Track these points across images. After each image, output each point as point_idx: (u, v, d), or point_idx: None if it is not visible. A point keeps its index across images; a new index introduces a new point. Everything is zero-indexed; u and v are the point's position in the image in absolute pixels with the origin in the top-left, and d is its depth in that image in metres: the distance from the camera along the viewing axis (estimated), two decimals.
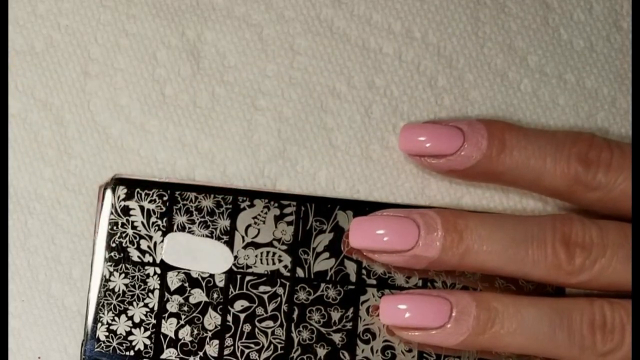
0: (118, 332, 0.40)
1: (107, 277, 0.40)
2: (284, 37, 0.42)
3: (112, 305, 0.40)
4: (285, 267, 0.40)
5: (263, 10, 0.43)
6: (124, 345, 0.40)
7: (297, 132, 0.42)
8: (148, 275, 0.40)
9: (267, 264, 0.40)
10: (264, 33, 0.42)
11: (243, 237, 0.41)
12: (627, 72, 0.43)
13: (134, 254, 0.40)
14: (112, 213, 0.40)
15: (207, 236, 0.40)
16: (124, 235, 0.40)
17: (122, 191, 0.41)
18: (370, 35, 0.42)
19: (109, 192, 0.41)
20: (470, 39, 0.43)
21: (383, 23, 0.42)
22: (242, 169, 0.42)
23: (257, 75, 0.42)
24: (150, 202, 0.41)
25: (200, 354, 0.40)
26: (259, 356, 0.40)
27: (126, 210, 0.40)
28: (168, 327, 0.40)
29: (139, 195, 0.41)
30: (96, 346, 0.40)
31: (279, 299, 0.40)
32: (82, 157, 0.42)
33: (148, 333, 0.40)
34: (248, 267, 0.40)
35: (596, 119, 0.42)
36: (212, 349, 0.40)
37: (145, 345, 0.40)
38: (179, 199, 0.41)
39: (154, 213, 0.41)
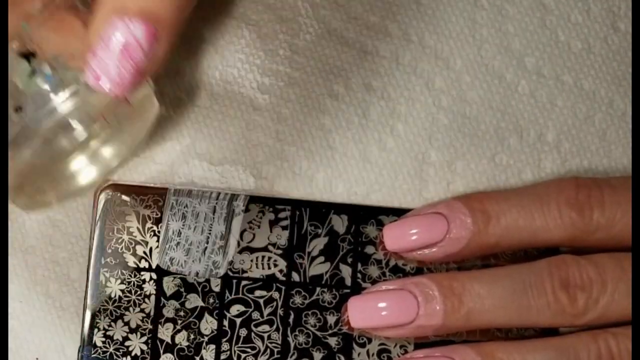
0: (115, 338, 0.40)
1: (104, 283, 0.40)
2: (282, 37, 0.42)
3: (108, 311, 0.40)
4: (281, 271, 0.40)
5: (261, 10, 0.43)
6: (121, 350, 0.40)
7: (295, 133, 0.42)
8: (144, 281, 0.40)
9: (263, 268, 0.40)
10: (262, 33, 0.42)
11: (238, 242, 0.41)
12: (625, 74, 0.43)
13: (130, 260, 0.40)
14: (107, 219, 0.40)
15: (203, 242, 0.40)
16: (119, 241, 0.40)
17: (117, 197, 0.41)
18: (367, 38, 0.42)
19: (104, 198, 0.41)
20: (467, 41, 0.43)
21: (380, 26, 0.42)
22: (240, 170, 0.42)
23: (255, 74, 0.42)
24: (145, 207, 0.41)
25: (197, 358, 0.40)
26: None
27: (122, 216, 0.41)
28: (164, 333, 0.40)
29: (134, 200, 0.41)
30: (93, 352, 0.40)
31: (275, 303, 0.40)
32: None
33: (144, 338, 0.40)
34: (244, 271, 0.40)
35: (594, 120, 0.42)
36: (208, 353, 0.40)
37: (142, 351, 0.40)
38: (174, 204, 0.41)
39: (149, 219, 0.41)
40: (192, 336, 0.40)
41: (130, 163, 0.42)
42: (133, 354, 0.40)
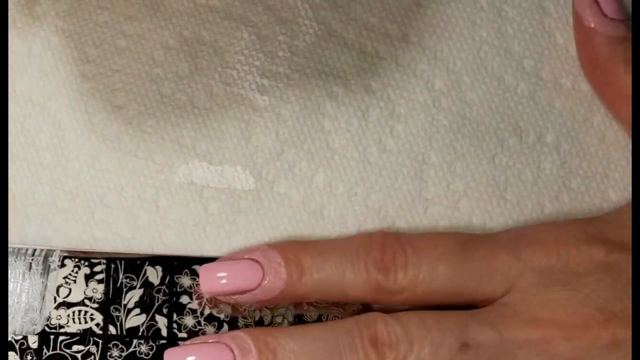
0: None
1: None
2: (282, 38, 0.43)
3: None
4: (98, 325, 0.40)
5: (261, 12, 0.43)
6: None
7: (295, 135, 0.42)
8: None
9: (80, 322, 0.40)
10: (262, 34, 0.43)
11: (55, 298, 0.41)
12: None
13: None
14: None
15: (19, 299, 0.40)
16: None
17: None
18: (367, 39, 0.42)
19: None
20: (466, 42, 0.43)
21: (380, 27, 0.43)
22: (239, 170, 0.42)
23: (255, 76, 0.42)
24: None
25: None
26: None
27: None
28: None
29: None
30: None
31: (93, 357, 0.40)
32: (79, 159, 0.42)
33: None
34: (61, 327, 0.40)
35: (592, 122, 0.43)
36: None
37: None
38: None
39: None
40: None
41: (129, 164, 0.42)
42: None
